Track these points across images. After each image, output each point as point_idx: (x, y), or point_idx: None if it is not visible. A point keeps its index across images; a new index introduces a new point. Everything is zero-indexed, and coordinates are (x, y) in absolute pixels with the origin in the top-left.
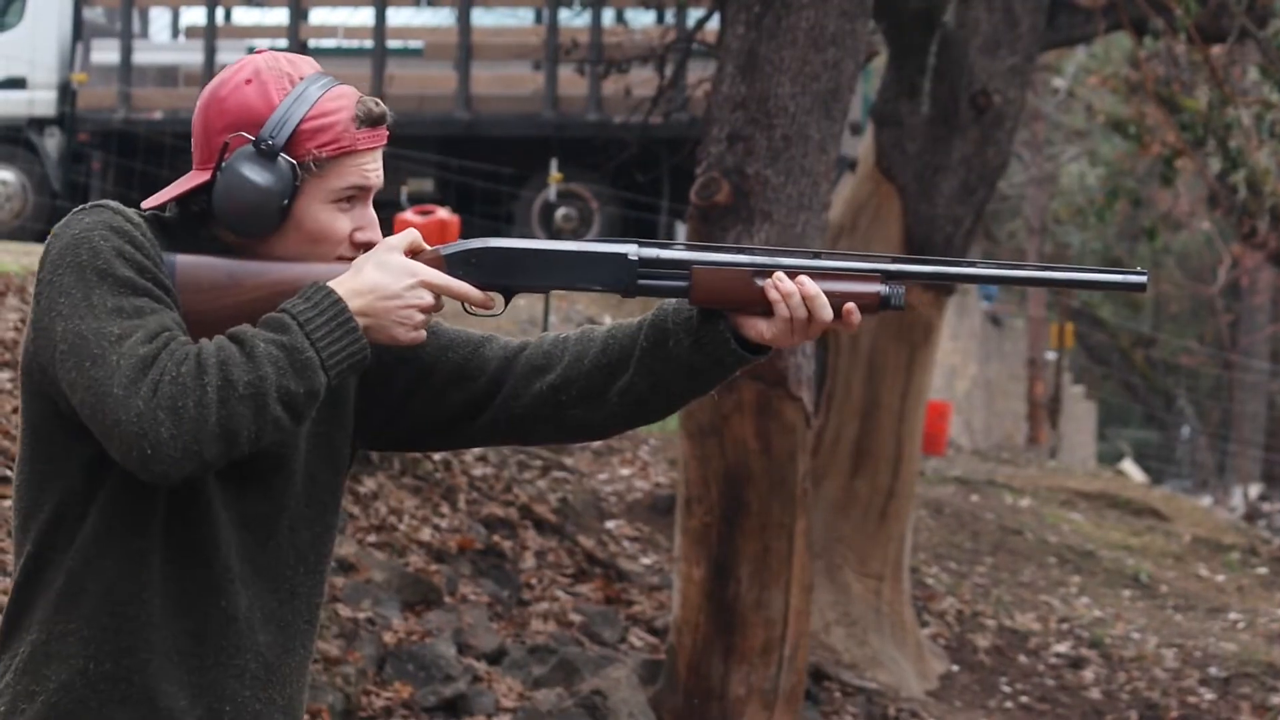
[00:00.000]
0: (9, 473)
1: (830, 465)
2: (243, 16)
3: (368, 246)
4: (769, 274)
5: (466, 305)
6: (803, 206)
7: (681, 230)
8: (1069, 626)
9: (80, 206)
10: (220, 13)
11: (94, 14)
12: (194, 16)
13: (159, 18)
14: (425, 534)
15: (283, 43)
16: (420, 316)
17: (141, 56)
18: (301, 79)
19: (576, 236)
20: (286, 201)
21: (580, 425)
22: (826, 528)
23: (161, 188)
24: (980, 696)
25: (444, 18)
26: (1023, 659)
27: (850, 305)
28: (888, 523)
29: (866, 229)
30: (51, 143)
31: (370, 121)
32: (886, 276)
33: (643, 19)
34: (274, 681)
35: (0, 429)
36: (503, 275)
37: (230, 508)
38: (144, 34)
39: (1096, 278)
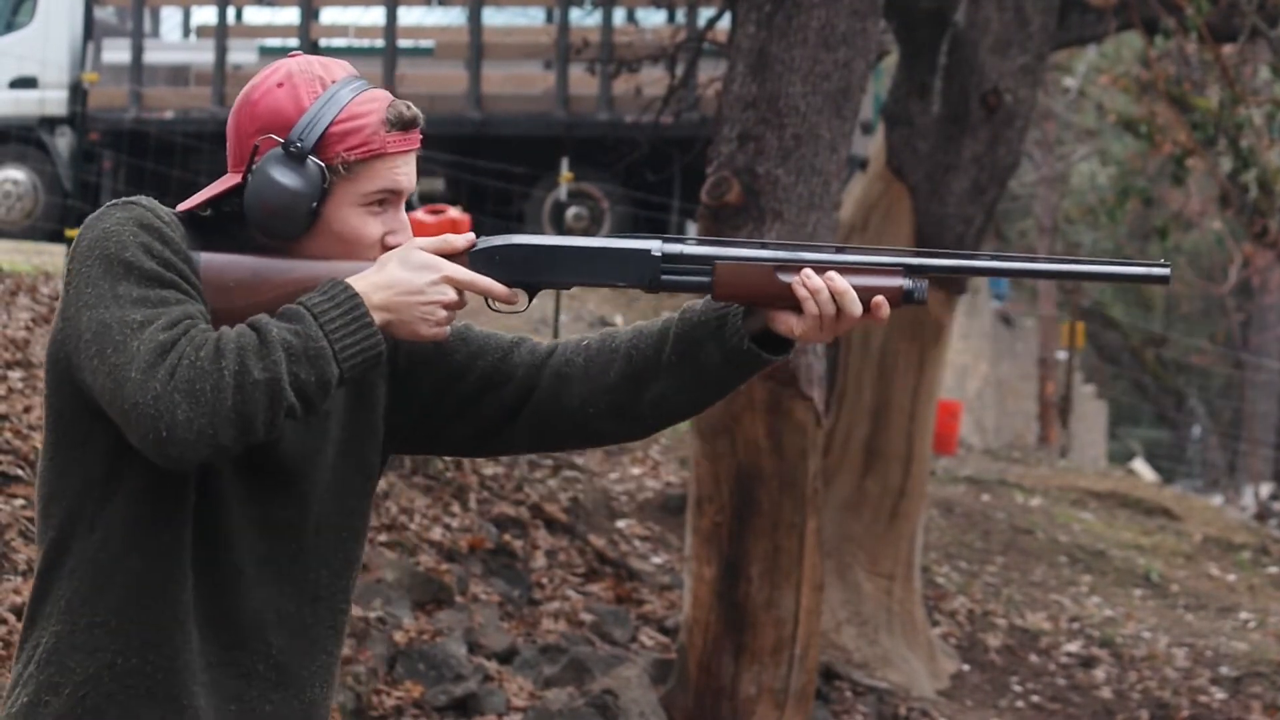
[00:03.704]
0: (20, 472)
1: (841, 464)
2: (254, 16)
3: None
4: (792, 269)
5: (490, 301)
6: (814, 206)
7: (693, 230)
8: (1080, 626)
9: (113, 201)
10: (231, 12)
11: (105, 13)
12: (205, 16)
13: (170, 17)
14: (436, 533)
15: (294, 42)
16: (443, 313)
17: (152, 56)
18: (334, 82)
19: (588, 236)
20: (315, 204)
21: (610, 435)
22: (837, 527)
23: (172, 187)
24: (991, 696)
25: (455, 17)
26: (1034, 658)
27: (879, 299)
28: (899, 522)
29: (877, 228)
30: (63, 142)
31: (401, 125)
32: (909, 270)
33: (653, 18)
34: (288, 684)
35: (11, 428)
36: (526, 272)
37: (248, 508)
38: (155, 33)
39: (1119, 270)
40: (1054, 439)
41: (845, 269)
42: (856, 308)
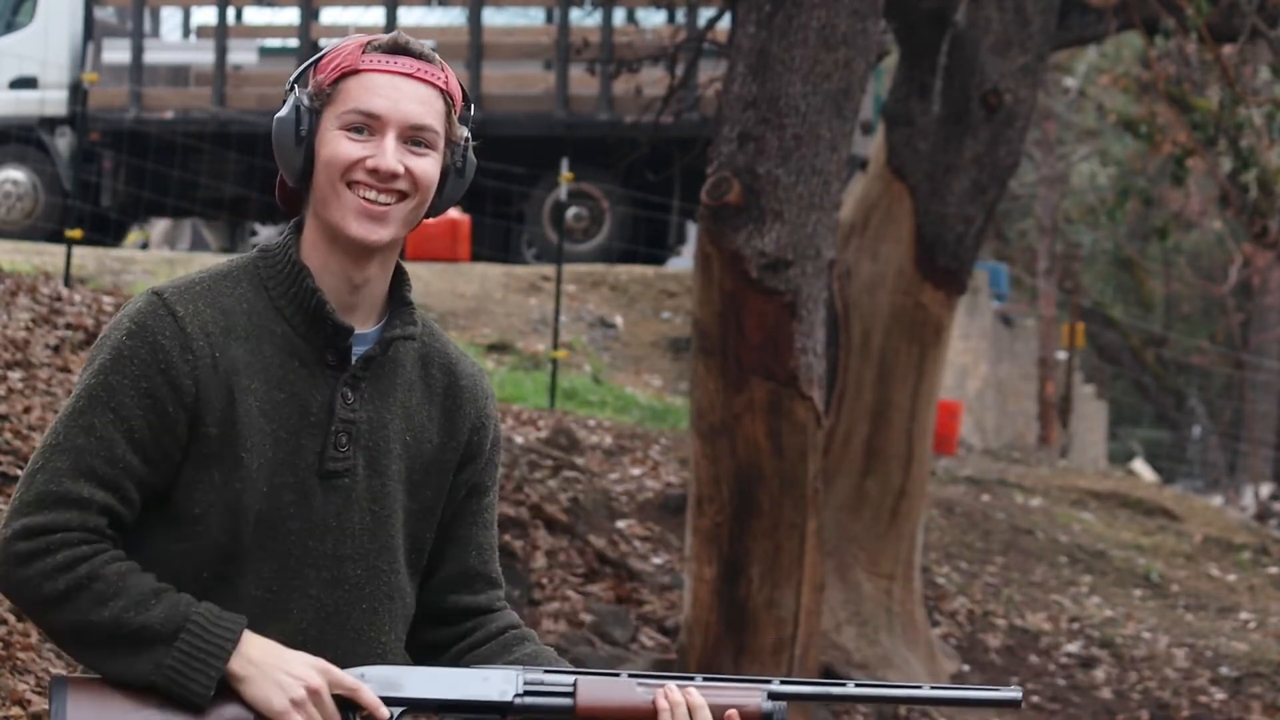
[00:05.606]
0: (19, 472)
1: (841, 465)
2: (254, 16)
3: (378, 174)
4: (654, 685)
5: (354, 715)
6: (814, 206)
7: (693, 230)
8: (1080, 626)
9: (156, 290)
10: (231, 12)
11: (105, 13)
12: (205, 16)
13: (170, 17)
14: None
15: (294, 42)
16: (300, 692)
17: (152, 56)
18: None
19: (587, 236)
20: (303, 130)
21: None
22: (837, 527)
23: (171, 188)
24: None
25: (455, 17)
26: (1034, 658)
27: (732, 713)
28: (899, 522)
29: (877, 228)
30: (63, 142)
31: (381, 48)
32: (770, 695)
33: (654, 18)
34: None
35: (11, 428)
36: (393, 689)
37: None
38: (155, 33)
39: (970, 695)
40: (1054, 439)
41: (705, 686)
42: None
